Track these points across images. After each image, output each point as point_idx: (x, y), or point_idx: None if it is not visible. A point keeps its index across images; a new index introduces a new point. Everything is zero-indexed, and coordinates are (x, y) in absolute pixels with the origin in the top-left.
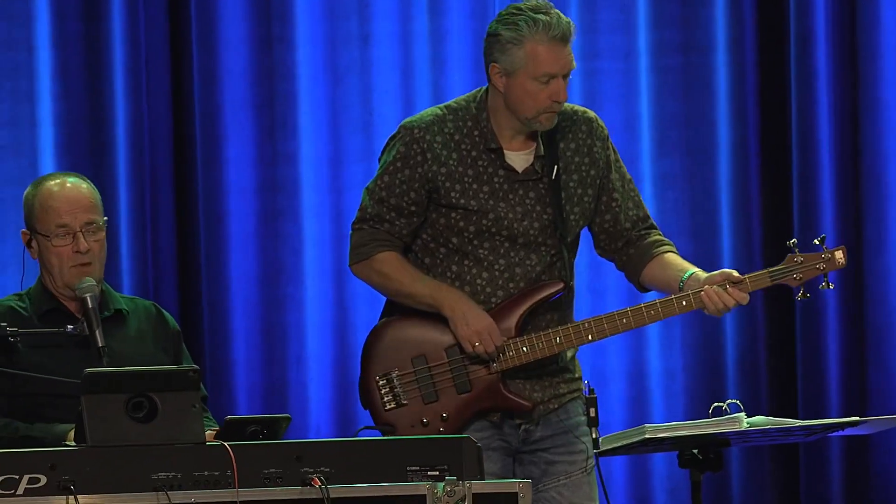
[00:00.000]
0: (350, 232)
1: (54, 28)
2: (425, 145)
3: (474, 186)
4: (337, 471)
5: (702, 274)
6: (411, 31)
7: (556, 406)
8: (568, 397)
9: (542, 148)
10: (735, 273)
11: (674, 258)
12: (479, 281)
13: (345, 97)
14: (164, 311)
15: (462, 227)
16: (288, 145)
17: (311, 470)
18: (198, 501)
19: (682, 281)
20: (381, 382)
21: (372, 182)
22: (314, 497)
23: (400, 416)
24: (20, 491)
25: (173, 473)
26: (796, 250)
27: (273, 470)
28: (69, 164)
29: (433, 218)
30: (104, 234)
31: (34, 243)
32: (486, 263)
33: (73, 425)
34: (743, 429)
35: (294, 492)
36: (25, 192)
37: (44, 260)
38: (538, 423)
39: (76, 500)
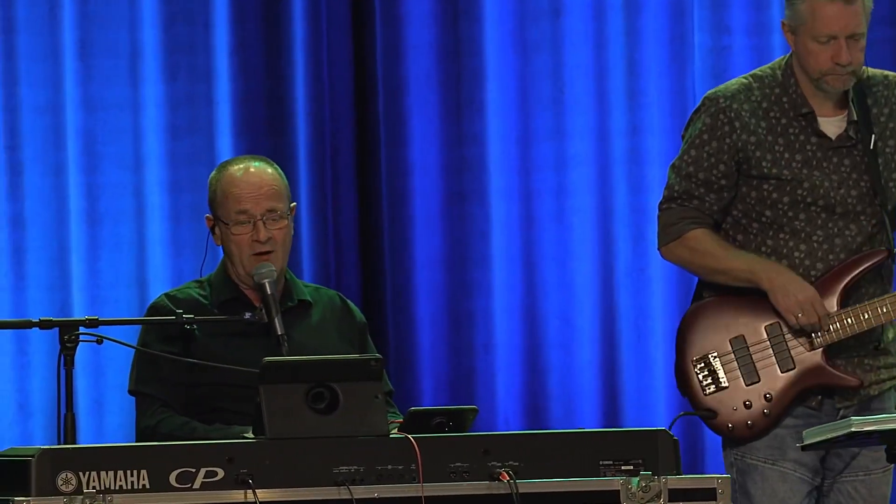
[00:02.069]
0: (657, 213)
1: (232, 2)
2: (732, 114)
3: (786, 155)
4: (526, 465)
5: None
6: (604, 3)
7: (876, 393)
8: (888, 384)
9: (854, 113)
10: None
11: None
12: (796, 254)
13: (534, 73)
14: (349, 301)
15: (775, 198)
16: (474, 124)
17: (499, 464)
18: (381, 496)
19: None
20: (698, 366)
21: (677, 158)
22: (502, 492)
23: (721, 399)
24: (197, 485)
25: (355, 467)
26: None
27: (459, 464)
28: (246, 144)
29: (744, 192)
30: (288, 221)
31: (217, 229)
32: (803, 235)
33: (250, 427)
34: None
35: (481, 487)
36: (210, 176)
37: (225, 247)
38: (855, 409)
39: (255, 494)
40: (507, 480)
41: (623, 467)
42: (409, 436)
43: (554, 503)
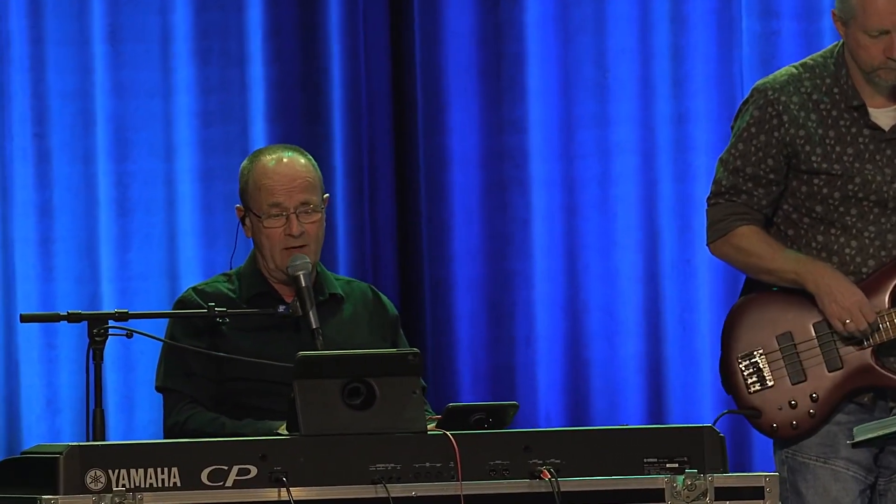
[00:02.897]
0: (706, 208)
1: None
2: (781, 107)
3: (837, 149)
4: (568, 462)
5: None
6: None
7: None
8: None
9: None
10: None
11: None
12: (847, 251)
13: (577, 57)
14: (381, 294)
15: (826, 193)
16: (515, 110)
17: (540, 461)
18: (418, 495)
19: None
20: (743, 364)
21: (725, 152)
22: (543, 490)
23: (765, 398)
24: (229, 483)
25: (392, 465)
26: None
27: (499, 461)
28: (281, 131)
29: (793, 186)
30: (321, 215)
31: (248, 221)
32: (854, 231)
33: (284, 422)
34: None
35: (522, 485)
36: (241, 166)
37: (256, 240)
38: None
39: (289, 492)
40: (549, 479)
41: (668, 465)
42: (448, 432)
43: (597, 501)
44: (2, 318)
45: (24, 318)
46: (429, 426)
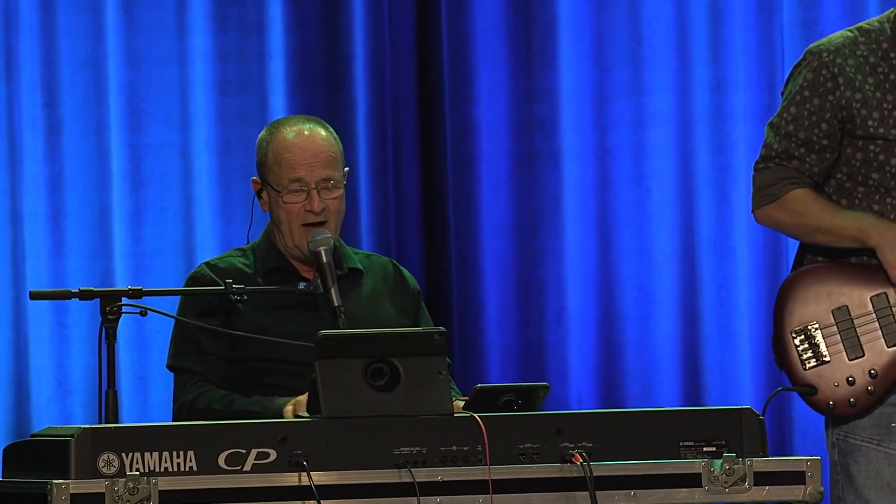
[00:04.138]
0: (753, 173)
1: None
2: (836, 69)
3: (895, 114)
4: (601, 446)
5: None
6: None
7: None
8: None
9: None
10: None
11: None
12: None
13: (610, 23)
14: (403, 268)
15: (882, 160)
16: (546, 79)
17: (572, 445)
18: (445, 479)
19: None
20: (798, 339)
21: (776, 116)
22: (575, 475)
23: (822, 374)
24: (247, 467)
25: (417, 448)
26: None
27: (529, 445)
28: (301, 102)
29: (848, 153)
30: (342, 191)
31: (265, 194)
32: None
33: (292, 398)
34: None
35: (552, 469)
36: (259, 137)
37: (273, 215)
38: None
39: (309, 476)
40: (581, 463)
41: (705, 449)
42: (475, 415)
43: (630, 487)
44: (11, 295)
45: (34, 296)
46: (455, 407)
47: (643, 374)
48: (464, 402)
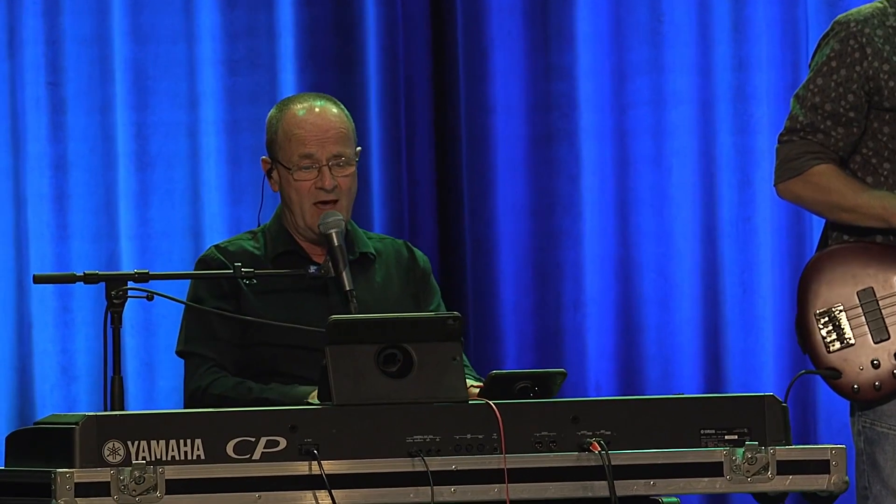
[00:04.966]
0: (776, 146)
1: None
2: (864, 39)
3: None
4: (619, 434)
5: None
6: None
7: None
8: None
9: None
10: None
11: None
12: None
13: (630, 0)
14: (415, 249)
15: None
16: (563, 56)
17: (590, 433)
18: (459, 468)
19: None
20: (822, 321)
21: (802, 87)
22: (593, 464)
23: (846, 358)
24: (256, 455)
25: (430, 436)
26: None
27: (545, 433)
28: (312, 79)
29: (875, 127)
30: (354, 169)
31: (275, 174)
32: None
33: (314, 387)
34: None
35: (569, 458)
36: (269, 115)
37: (284, 194)
38: None
39: (320, 465)
40: (598, 451)
41: (726, 437)
42: (491, 402)
43: (650, 476)
44: (14, 279)
45: (38, 279)
46: (472, 383)
47: (663, 360)
48: (479, 387)
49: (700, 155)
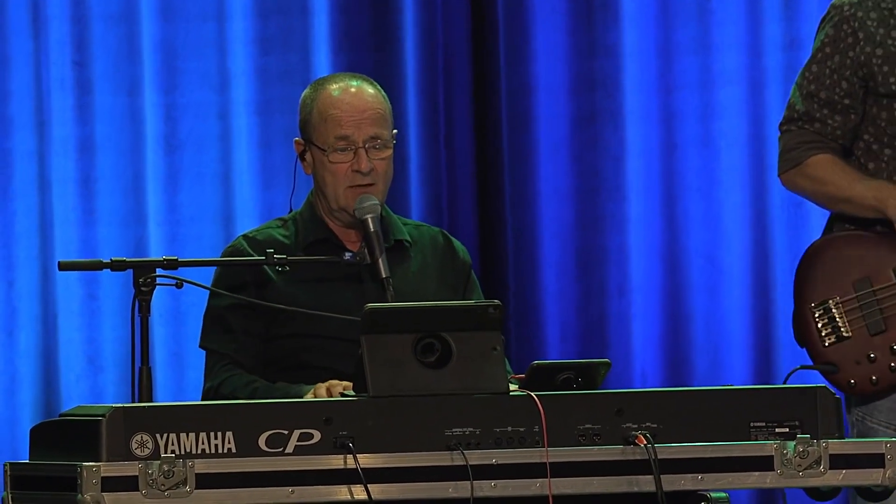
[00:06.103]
0: (777, 136)
1: None
2: (856, 24)
3: None
4: (666, 427)
5: None
6: None
7: None
8: None
9: None
10: None
11: None
12: None
13: None
14: (454, 239)
15: None
16: (608, 34)
17: (635, 426)
18: (499, 462)
19: None
20: (817, 313)
21: (800, 75)
22: (638, 458)
23: (842, 351)
24: (290, 449)
25: (470, 429)
26: None
27: (589, 426)
28: (346, 59)
29: (874, 113)
30: (391, 151)
31: (308, 156)
32: None
33: (313, 386)
34: None
35: (614, 451)
36: (303, 95)
37: (318, 177)
38: None
39: (355, 459)
40: (644, 444)
41: (777, 430)
42: (532, 393)
43: (697, 470)
44: (39, 265)
45: (63, 266)
46: (511, 386)
47: (711, 350)
48: (519, 381)
49: (750, 137)
